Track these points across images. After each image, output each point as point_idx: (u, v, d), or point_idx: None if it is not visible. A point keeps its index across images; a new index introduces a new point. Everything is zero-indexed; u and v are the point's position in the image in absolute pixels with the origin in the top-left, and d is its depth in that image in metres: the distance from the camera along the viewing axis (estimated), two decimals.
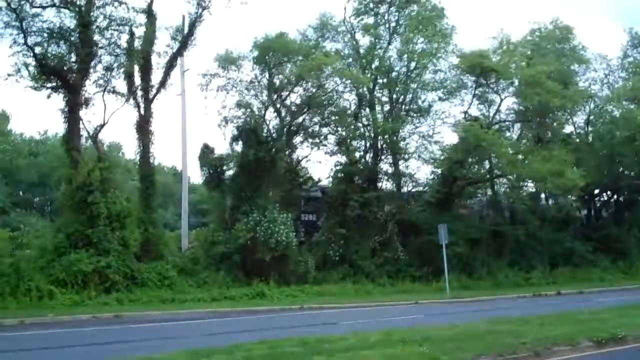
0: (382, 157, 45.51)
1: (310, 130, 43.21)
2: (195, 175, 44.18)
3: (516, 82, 45.84)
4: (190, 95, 77.50)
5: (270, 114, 41.71)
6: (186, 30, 38.10)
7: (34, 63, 34.73)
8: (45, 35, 35.00)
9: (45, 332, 21.74)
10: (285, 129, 41.38)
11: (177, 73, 39.22)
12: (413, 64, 45.17)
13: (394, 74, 45.52)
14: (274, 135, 41.06)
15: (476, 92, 46.59)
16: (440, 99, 46.35)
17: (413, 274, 39.89)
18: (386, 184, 46.53)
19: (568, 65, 49.37)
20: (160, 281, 32.47)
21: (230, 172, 39.80)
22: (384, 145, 45.16)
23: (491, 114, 48.08)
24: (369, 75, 44.04)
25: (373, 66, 45.30)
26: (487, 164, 47.05)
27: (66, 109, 34.60)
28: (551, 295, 36.57)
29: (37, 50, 34.62)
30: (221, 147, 41.23)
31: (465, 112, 46.74)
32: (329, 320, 24.57)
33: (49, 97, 35.26)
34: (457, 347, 14.91)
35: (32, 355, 15.43)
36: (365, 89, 44.18)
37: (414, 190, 47.04)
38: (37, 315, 25.29)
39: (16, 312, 25.83)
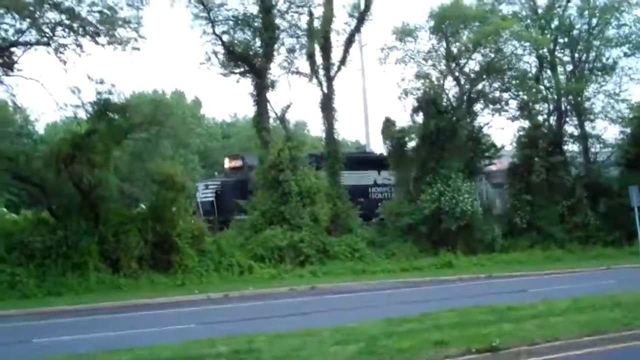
0: (567, 119, 44.16)
1: (490, 96, 42.53)
2: (379, 148, 44.92)
3: None
4: (370, 70, 78.20)
5: (449, 83, 41.46)
6: (362, 6, 38.71)
7: (222, 51, 37.02)
8: (231, 23, 37.20)
9: (249, 304, 23.46)
10: (465, 97, 41.11)
11: (355, 49, 40.14)
12: (595, 20, 43.48)
13: (575, 32, 43.78)
14: (454, 104, 40.96)
15: None
16: (625, 54, 44.07)
17: (604, 239, 38.60)
18: (572, 147, 45.21)
19: None
20: (351, 253, 33.62)
21: (412, 144, 40.17)
22: (568, 107, 43.83)
23: None
24: (548, 35, 42.71)
25: (552, 26, 43.89)
26: None
27: (254, 92, 36.56)
28: None
29: (225, 38, 36.96)
30: (402, 120, 41.54)
31: None
32: (518, 288, 24.68)
33: (238, 81, 37.58)
34: None
35: (243, 324, 16.74)
36: (545, 50, 42.99)
37: (602, 151, 45.39)
38: (239, 288, 27.25)
39: (220, 286, 27.88)
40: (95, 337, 15.98)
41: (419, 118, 39.74)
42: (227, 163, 41.66)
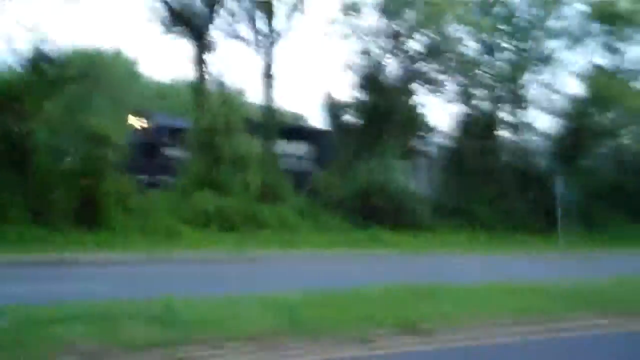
0: (501, 106, 44.86)
1: (429, 77, 42.89)
2: (317, 121, 45.12)
3: None
4: (312, 43, 77.80)
5: (390, 62, 41.66)
6: None
7: (163, 8, 36.27)
8: None
9: (173, 268, 23.15)
10: (405, 76, 41.28)
11: (299, 19, 39.96)
12: (535, 10, 44.14)
13: (516, 20, 44.58)
14: (394, 82, 41.06)
15: (603, 40, 45.06)
16: (565, 47, 45.06)
17: (531, 226, 39.48)
18: (505, 134, 45.96)
19: None
20: (280, 223, 33.45)
21: (350, 119, 40.22)
22: (504, 94, 44.53)
23: (618, 63, 46.53)
24: (490, 22, 43.37)
25: (494, 12, 44.55)
26: (612, 115, 45.70)
27: (193, 54, 36.05)
28: None
29: None
30: (342, 95, 41.67)
31: (591, 61, 45.43)
32: (442, 269, 24.93)
33: (174, 40, 36.94)
34: (572, 302, 15.03)
35: (165, 288, 16.53)
36: (486, 35, 43.56)
37: (533, 140, 46.22)
38: (164, 251, 26.63)
39: (145, 248, 27.33)
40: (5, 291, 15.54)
41: (359, 94, 39.81)
42: (132, 122, 39.10)
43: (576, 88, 45.97)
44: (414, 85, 42.45)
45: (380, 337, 11.31)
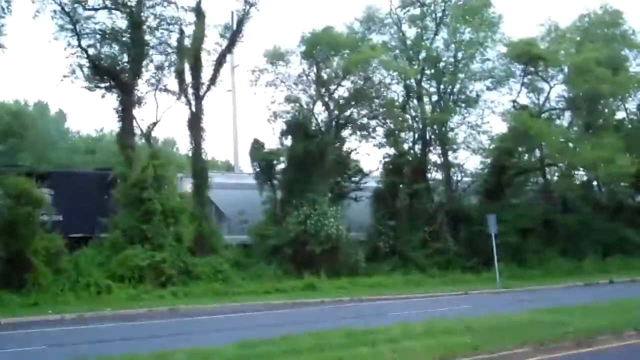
0: (431, 148, 45.59)
1: (358, 122, 43.26)
2: (247, 169, 44.94)
3: (565, 70, 45.77)
4: (240, 91, 78.16)
5: (318, 108, 41.90)
6: (234, 27, 38.74)
7: (87, 64, 35.91)
8: (98, 36, 36.30)
9: (105, 326, 22.61)
10: (333, 122, 41.53)
11: (226, 70, 39.98)
12: (460, 54, 45.16)
13: (441, 64, 45.49)
14: (322, 128, 41.31)
15: (525, 80, 46.39)
16: (488, 88, 46.17)
17: (463, 264, 39.96)
18: (435, 175, 46.64)
19: (619, 51, 48.89)
20: (214, 274, 33.04)
21: (280, 167, 40.23)
22: (433, 136, 45.26)
23: (540, 102, 47.95)
24: (416, 66, 44.25)
25: (420, 57, 45.46)
26: (537, 153, 46.90)
27: (120, 108, 35.74)
28: (603, 283, 36.23)
29: (91, 51, 35.97)
30: (271, 142, 41.68)
31: (514, 101, 46.60)
32: (378, 311, 24.97)
33: (103, 96, 36.49)
34: (499, 336, 15.28)
35: (95, 347, 16.14)
36: (412, 80, 44.31)
37: (463, 180, 46.95)
38: (95, 309, 26.18)
39: (76, 307, 26.74)
40: None
41: (288, 141, 39.96)
42: None
43: (501, 128, 46.96)
44: (344, 131, 42.76)
45: None
